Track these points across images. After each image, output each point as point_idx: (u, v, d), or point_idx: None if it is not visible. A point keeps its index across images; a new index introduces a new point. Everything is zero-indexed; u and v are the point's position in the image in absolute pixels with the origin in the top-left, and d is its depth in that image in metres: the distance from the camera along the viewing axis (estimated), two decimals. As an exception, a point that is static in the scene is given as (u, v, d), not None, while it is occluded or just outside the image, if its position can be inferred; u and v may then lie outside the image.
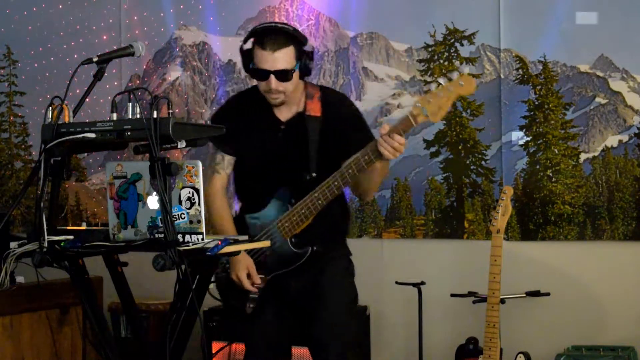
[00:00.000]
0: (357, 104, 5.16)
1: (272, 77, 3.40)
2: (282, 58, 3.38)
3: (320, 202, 3.38)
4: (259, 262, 3.52)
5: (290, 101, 3.53)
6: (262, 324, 3.58)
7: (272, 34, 3.40)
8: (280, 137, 3.54)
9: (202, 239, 2.89)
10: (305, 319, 3.54)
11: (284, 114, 3.56)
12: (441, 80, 3.19)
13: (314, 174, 3.44)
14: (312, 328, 3.51)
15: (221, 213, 3.60)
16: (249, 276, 3.47)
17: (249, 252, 3.54)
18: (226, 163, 3.63)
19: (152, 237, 2.93)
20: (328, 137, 3.49)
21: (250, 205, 3.60)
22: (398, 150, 3.26)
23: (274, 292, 3.55)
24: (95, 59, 3.27)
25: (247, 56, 3.47)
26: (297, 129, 3.51)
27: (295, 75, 3.44)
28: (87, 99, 3.31)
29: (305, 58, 3.43)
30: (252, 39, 3.46)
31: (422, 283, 4.69)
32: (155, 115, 2.89)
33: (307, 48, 3.44)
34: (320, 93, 3.56)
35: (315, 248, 3.45)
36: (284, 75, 3.40)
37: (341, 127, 3.51)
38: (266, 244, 3.32)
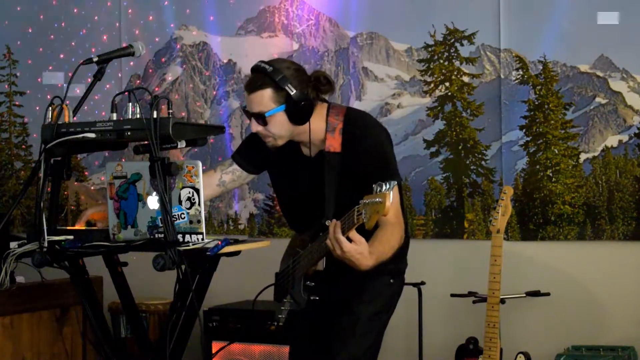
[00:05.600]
0: (357, 104, 5.19)
1: (252, 119, 3.20)
2: (255, 101, 3.14)
3: (316, 255, 3.13)
4: (288, 288, 3.35)
5: (314, 137, 3.22)
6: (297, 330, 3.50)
7: (252, 72, 3.18)
8: (306, 175, 3.29)
9: (202, 239, 2.89)
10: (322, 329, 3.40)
11: (311, 151, 3.28)
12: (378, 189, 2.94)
13: (328, 221, 3.04)
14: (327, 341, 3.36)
15: None
16: None
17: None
18: (229, 169, 3.51)
19: (152, 237, 2.93)
20: (348, 176, 3.14)
21: (294, 229, 3.48)
22: (332, 251, 2.90)
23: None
24: (95, 59, 3.27)
25: None
26: (318, 168, 3.21)
27: (277, 118, 3.14)
28: (87, 99, 3.31)
29: (291, 103, 3.11)
30: None
31: (422, 283, 4.69)
32: (155, 115, 2.89)
33: (292, 93, 3.11)
34: (342, 124, 3.20)
35: (312, 298, 3.20)
36: (260, 119, 3.15)
37: (362, 164, 3.14)
38: (266, 243, 3.30)
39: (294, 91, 3.10)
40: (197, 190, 2.89)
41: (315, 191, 3.21)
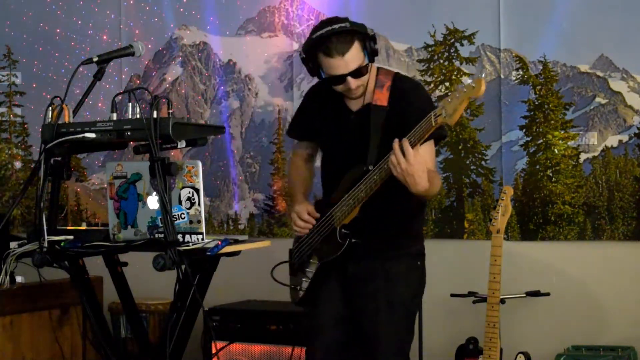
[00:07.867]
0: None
1: (349, 78, 3.35)
2: (353, 58, 3.32)
3: (362, 194, 3.32)
4: (315, 248, 3.51)
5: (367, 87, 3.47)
6: (320, 304, 3.55)
7: (334, 38, 3.30)
8: (350, 127, 3.49)
9: (202, 239, 2.90)
10: (354, 309, 3.51)
11: (355, 104, 3.50)
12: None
13: (370, 167, 3.34)
14: (361, 322, 3.48)
15: (291, 179, 3.79)
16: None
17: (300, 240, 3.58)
18: (305, 144, 3.74)
19: (152, 237, 2.94)
20: (391, 129, 3.35)
21: (327, 190, 3.60)
22: (396, 166, 3.16)
23: (334, 274, 3.52)
24: (95, 59, 3.27)
25: (313, 65, 3.40)
26: (363, 120, 3.44)
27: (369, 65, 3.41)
28: (87, 99, 3.31)
29: (369, 44, 3.34)
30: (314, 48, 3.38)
31: (422, 283, 4.69)
32: (155, 115, 2.89)
33: (371, 33, 3.35)
34: (390, 82, 3.46)
35: (354, 240, 3.38)
36: (359, 73, 3.35)
37: (406, 118, 3.33)
38: (266, 243, 3.31)
39: (372, 32, 3.35)
40: (197, 190, 2.89)
41: (358, 141, 3.41)
